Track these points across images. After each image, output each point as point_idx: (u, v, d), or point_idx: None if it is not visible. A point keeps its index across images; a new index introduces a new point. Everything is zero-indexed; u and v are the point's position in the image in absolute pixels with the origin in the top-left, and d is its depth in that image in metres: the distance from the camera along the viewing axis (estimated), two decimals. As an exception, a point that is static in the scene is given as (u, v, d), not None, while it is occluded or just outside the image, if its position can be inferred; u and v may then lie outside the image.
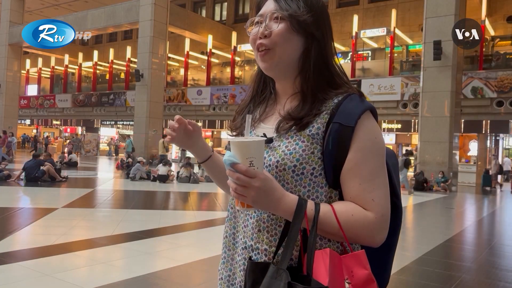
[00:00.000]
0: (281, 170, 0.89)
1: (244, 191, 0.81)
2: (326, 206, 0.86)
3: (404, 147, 20.11)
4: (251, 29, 0.96)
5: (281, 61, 0.93)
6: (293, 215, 0.83)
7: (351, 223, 0.84)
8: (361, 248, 0.92)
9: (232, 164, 0.80)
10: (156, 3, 19.00)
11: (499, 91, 14.14)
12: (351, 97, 0.91)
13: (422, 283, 3.91)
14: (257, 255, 0.90)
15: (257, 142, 0.82)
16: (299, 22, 0.91)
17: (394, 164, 1.02)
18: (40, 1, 26.58)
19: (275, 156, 0.90)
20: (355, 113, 0.87)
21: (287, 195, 0.85)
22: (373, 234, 0.85)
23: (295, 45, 0.93)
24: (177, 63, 25.36)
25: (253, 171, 0.80)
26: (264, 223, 0.91)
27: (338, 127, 0.87)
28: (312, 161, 0.88)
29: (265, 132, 0.96)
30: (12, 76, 24.32)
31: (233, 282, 0.98)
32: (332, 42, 0.98)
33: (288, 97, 0.97)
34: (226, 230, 1.01)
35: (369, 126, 0.88)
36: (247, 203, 0.83)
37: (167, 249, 4.76)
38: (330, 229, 0.85)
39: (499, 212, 9.87)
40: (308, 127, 0.90)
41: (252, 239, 0.92)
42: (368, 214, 0.85)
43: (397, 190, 0.99)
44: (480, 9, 15.41)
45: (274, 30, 0.91)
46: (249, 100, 1.05)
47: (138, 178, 12.00)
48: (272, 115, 0.99)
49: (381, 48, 18.88)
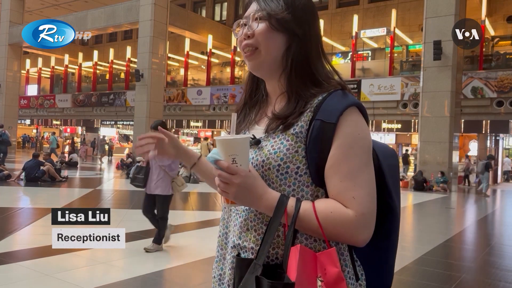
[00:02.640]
0: (266, 169, 0.89)
1: (226, 187, 0.83)
2: (307, 203, 0.85)
3: (404, 147, 20.12)
4: (238, 30, 0.98)
5: (265, 60, 0.94)
6: (273, 211, 0.84)
7: (330, 220, 0.83)
8: (347, 249, 0.91)
9: (215, 161, 0.82)
10: (156, 3, 18.99)
11: (499, 91, 14.13)
12: (335, 94, 0.90)
13: (422, 283, 3.91)
14: (245, 254, 0.91)
15: (239, 139, 0.83)
16: (277, 20, 0.92)
17: (391, 165, 0.99)
18: (40, 1, 26.57)
19: (261, 155, 0.91)
20: (337, 109, 0.86)
21: (269, 192, 0.86)
22: (353, 233, 0.84)
23: (278, 43, 0.93)
24: (177, 63, 25.35)
25: (234, 168, 0.82)
26: (251, 222, 0.91)
27: (320, 124, 0.86)
28: (296, 160, 0.88)
29: (257, 133, 0.97)
30: (12, 76, 24.31)
31: (223, 281, 0.98)
32: (319, 38, 0.97)
33: (277, 97, 0.98)
34: (220, 230, 1.02)
35: (352, 122, 0.87)
36: (230, 199, 0.85)
37: (167, 249, 4.76)
38: (310, 226, 0.84)
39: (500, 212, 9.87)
40: (292, 126, 0.89)
41: (240, 238, 0.93)
42: (348, 212, 0.83)
43: (391, 192, 0.96)
44: (480, 9, 15.39)
45: (255, 30, 0.93)
46: (244, 103, 1.06)
47: (138, 178, 11.99)
48: (265, 116, 0.99)
49: (381, 48, 18.87)
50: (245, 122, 1.03)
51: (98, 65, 26.84)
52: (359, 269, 0.93)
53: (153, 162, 4.59)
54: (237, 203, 0.86)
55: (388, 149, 1.04)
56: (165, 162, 4.54)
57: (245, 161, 0.84)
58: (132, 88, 22.29)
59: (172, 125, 24.01)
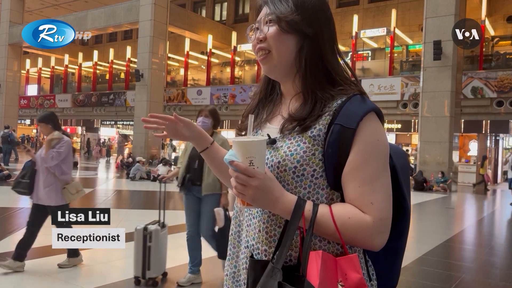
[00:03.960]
0: (282, 171, 0.89)
1: (243, 189, 0.83)
2: (324, 208, 0.86)
3: (404, 147, 20.12)
4: (251, 35, 0.99)
5: (279, 62, 0.94)
6: (291, 214, 0.84)
7: (348, 225, 0.84)
8: (362, 251, 0.92)
9: (232, 162, 0.82)
10: (156, 3, 19.00)
11: (499, 91, 14.13)
12: (355, 98, 0.90)
13: (422, 283, 3.91)
14: (258, 255, 0.91)
15: (257, 141, 0.83)
16: (287, 23, 0.92)
17: (403, 165, 1.00)
18: (40, 1, 26.57)
19: (276, 156, 0.90)
20: (357, 114, 0.87)
21: (286, 195, 0.86)
22: (370, 238, 0.84)
23: (289, 45, 0.94)
24: (177, 63, 25.34)
25: (251, 170, 0.81)
26: (264, 223, 0.91)
27: (339, 128, 0.87)
28: (313, 163, 0.88)
29: (270, 132, 0.97)
30: (12, 76, 24.31)
31: (238, 279, 0.99)
32: (332, 36, 0.97)
33: (292, 98, 0.98)
34: (232, 228, 1.02)
35: (371, 128, 0.87)
36: (247, 201, 0.85)
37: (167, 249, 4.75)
38: (327, 231, 0.85)
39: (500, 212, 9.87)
40: (310, 129, 0.89)
41: (253, 238, 0.93)
42: (366, 217, 0.84)
43: (404, 192, 0.97)
44: (480, 9, 15.39)
45: (267, 33, 0.94)
46: (257, 102, 1.06)
47: (138, 178, 12.00)
48: (278, 115, 1.00)
49: (381, 48, 18.87)
50: (257, 121, 1.03)
51: (98, 65, 26.84)
52: (370, 270, 0.94)
53: (39, 163, 3.75)
54: (254, 206, 0.86)
55: (399, 149, 1.05)
56: (51, 162, 3.68)
57: (262, 163, 0.84)
58: (132, 88, 22.29)
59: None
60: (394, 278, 1.02)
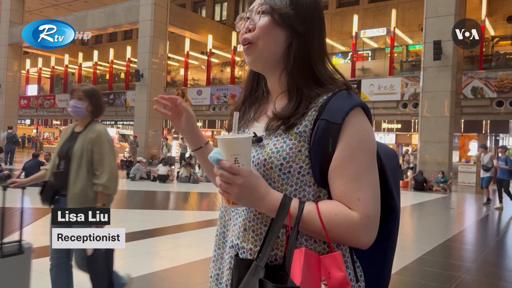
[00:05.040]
0: (268, 168, 0.88)
1: (228, 187, 0.81)
2: (310, 205, 0.84)
3: (404, 147, 20.12)
4: (240, 23, 0.97)
5: (263, 54, 0.93)
6: (276, 212, 0.83)
7: (334, 222, 0.82)
8: (349, 251, 0.90)
9: (217, 160, 0.81)
10: (156, 3, 19.00)
11: (499, 91, 14.13)
12: (341, 93, 0.89)
13: (422, 283, 3.91)
14: (243, 254, 0.90)
15: (242, 139, 0.82)
16: (280, 15, 0.91)
17: (392, 165, 0.99)
18: (40, 1, 26.57)
19: (262, 154, 0.89)
20: (343, 109, 0.85)
21: (272, 193, 0.84)
22: (357, 235, 0.83)
23: (278, 39, 0.92)
24: (177, 63, 25.35)
25: (236, 168, 0.80)
26: (250, 222, 0.90)
27: (325, 124, 0.85)
28: (299, 160, 0.86)
29: (257, 131, 0.95)
30: (12, 76, 24.31)
31: (220, 281, 0.98)
32: (322, 38, 0.96)
33: (278, 95, 0.97)
34: (217, 229, 1.01)
35: (358, 123, 0.86)
36: (232, 200, 0.83)
37: (167, 249, 4.76)
38: (313, 228, 0.83)
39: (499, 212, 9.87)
40: (296, 126, 0.88)
41: (238, 238, 0.91)
42: (353, 214, 0.82)
43: (393, 193, 0.96)
44: (480, 9, 15.40)
45: (257, 23, 0.92)
46: (243, 100, 1.04)
47: (138, 178, 12.00)
48: (265, 113, 0.98)
49: (381, 48, 18.87)
50: (244, 120, 1.02)
51: (98, 65, 26.85)
52: (358, 270, 0.93)
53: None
54: (239, 204, 0.84)
55: (389, 149, 1.03)
56: None
57: (247, 161, 0.83)
58: (132, 88, 22.28)
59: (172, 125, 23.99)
60: (385, 279, 1.00)
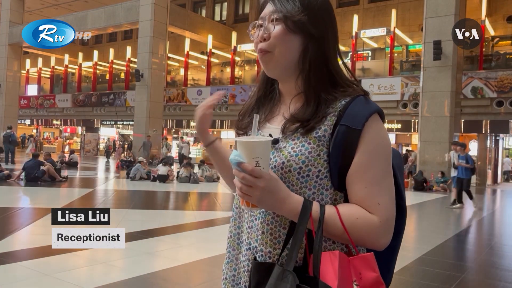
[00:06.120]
0: (286, 171, 0.88)
1: (250, 190, 0.81)
2: (331, 208, 0.85)
3: (404, 147, 20.12)
4: (254, 32, 0.97)
5: (280, 62, 0.93)
6: (299, 216, 0.83)
7: (356, 226, 0.84)
8: (366, 251, 0.92)
9: (239, 163, 0.80)
10: (156, 3, 18.99)
11: (499, 91, 14.13)
12: (359, 99, 0.90)
13: (422, 283, 3.91)
14: (261, 257, 0.90)
15: (263, 142, 0.82)
16: (293, 22, 0.91)
17: (399, 164, 1.01)
18: (40, 1, 26.57)
19: (280, 157, 0.89)
20: (363, 115, 0.87)
21: (292, 196, 0.85)
22: (377, 238, 0.85)
23: (294, 45, 0.92)
24: (177, 63, 25.34)
25: (259, 171, 0.80)
26: (268, 225, 0.90)
27: (345, 129, 0.86)
28: (318, 164, 0.87)
29: (271, 132, 0.96)
30: (12, 76, 24.30)
31: (238, 282, 0.98)
32: (336, 39, 0.97)
33: (292, 98, 0.97)
34: (231, 230, 1.01)
35: (376, 129, 0.88)
36: (252, 203, 0.83)
37: (167, 249, 4.76)
38: (335, 231, 0.85)
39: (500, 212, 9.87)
40: (315, 129, 0.89)
41: (256, 240, 0.92)
42: (373, 218, 0.85)
43: (402, 191, 0.98)
44: (480, 9, 15.39)
45: (272, 32, 0.92)
46: (255, 101, 1.04)
47: (138, 178, 12.01)
48: (278, 115, 0.98)
49: (381, 48, 18.87)
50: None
51: (98, 65, 26.86)
52: None
53: None
54: (259, 207, 0.84)
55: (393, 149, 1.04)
56: None
57: (267, 164, 0.83)
58: (132, 88, 22.29)
59: (172, 125, 24.00)
60: (390, 276, 1.02)
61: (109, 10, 21.20)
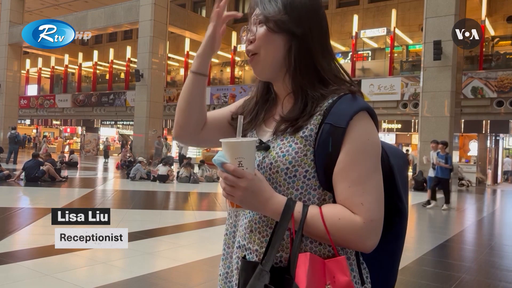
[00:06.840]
0: (274, 172, 0.88)
1: (232, 191, 0.82)
2: (314, 209, 0.84)
3: (404, 147, 20.12)
4: (244, 35, 0.99)
5: (267, 62, 0.94)
6: (280, 216, 0.83)
7: (338, 227, 0.82)
8: (354, 254, 0.90)
9: (222, 163, 0.81)
10: (156, 3, 19.00)
11: (499, 91, 14.14)
12: (346, 97, 0.88)
13: (422, 283, 3.91)
14: (249, 255, 0.90)
15: (246, 142, 0.82)
16: (275, 22, 0.92)
17: (400, 165, 0.98)
18: (40, 1, 26.57)
19: (268, 158, 0.89)
20: (347, 113, 0.85)
21: (276, 196, 0.85)
22: (361, 239, 0.83)
23: (277, 44, 0.93)
24: (177, 63, 25.35)
25: (241, 171, 0.81)
26: (256, 224, 0.91)
27: (329, 128, 0.85)
28: (305, 164, 0.87)
29: (265, 134, 0.96)
30: (12, 76, 24.30)
31: (230, 280, 0.98)
32: (324, 37, 0.96)
33: (284, 98, 0.97)
34: (227, 228, 1.01)
35: (362, 127, 0.86)
36: (235, 203, 0.84)
37: (167, 249, 4.76)
38: (317, 232, 0.83)
39: (500, 212, 9.87)
40: (302, 129, 0.88)
41: (244, 239, 0.92)
42: (356, 219, 0.82)
43: (401, 194, 0.95)
44: (480, 9, 15.40)
45: (256, 34, 0.94)
46: (255, 104, 1.04)
47: (138, 178, 12.01)
48: (273, 116, 0.99)
49: (381, 48, 18.88)
50: (254, 122, 1.02)
51: (98, 65, 26.86)
52: (364, 272, 0.93)
53: None
54: (243, 207, 0.84)
55: (397, 150, 1.03)
56: None
57: (251, 165, 0.83)
58: (132, 88, 22.29)
59: (172, 125, 23.94)
60: (392, 280, 1.00)
61: (109, 10, 21.21)
